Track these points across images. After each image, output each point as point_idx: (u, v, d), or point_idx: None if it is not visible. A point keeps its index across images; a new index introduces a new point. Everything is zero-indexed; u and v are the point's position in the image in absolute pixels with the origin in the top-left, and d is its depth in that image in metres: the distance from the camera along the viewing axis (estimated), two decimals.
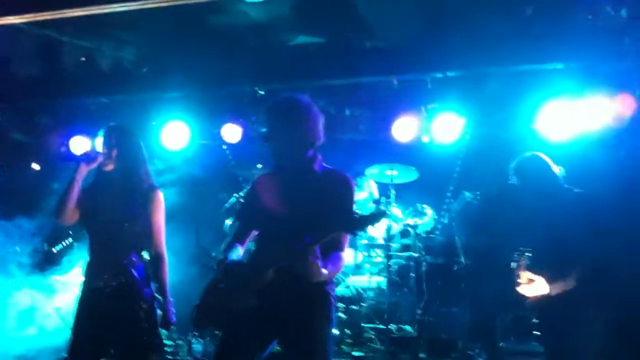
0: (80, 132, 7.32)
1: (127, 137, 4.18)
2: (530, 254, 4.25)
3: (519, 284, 4.23)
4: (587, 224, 4.05)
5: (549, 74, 6.19)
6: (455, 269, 6.32)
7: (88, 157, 4.05)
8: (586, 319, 4.00)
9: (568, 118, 6.04)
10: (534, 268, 4.19)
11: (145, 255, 4.14)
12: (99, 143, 4.13)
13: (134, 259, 4.04)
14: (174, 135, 7.10)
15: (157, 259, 4.14)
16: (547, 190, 4.34)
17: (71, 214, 4.07)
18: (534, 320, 4.41)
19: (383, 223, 6.41)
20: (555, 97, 6.09)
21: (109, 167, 4.08)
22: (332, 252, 3.36)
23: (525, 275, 4.20)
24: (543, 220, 4.35)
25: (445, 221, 6.89)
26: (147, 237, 4.10)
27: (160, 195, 4.16)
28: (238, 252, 3.61)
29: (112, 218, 4.02)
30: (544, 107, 6.14)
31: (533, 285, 4.17)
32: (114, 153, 4.08)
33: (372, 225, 3.35)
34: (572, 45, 5.88)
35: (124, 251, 4.03)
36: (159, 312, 4.13)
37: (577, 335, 4.02)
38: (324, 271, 3.25)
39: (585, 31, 5.78)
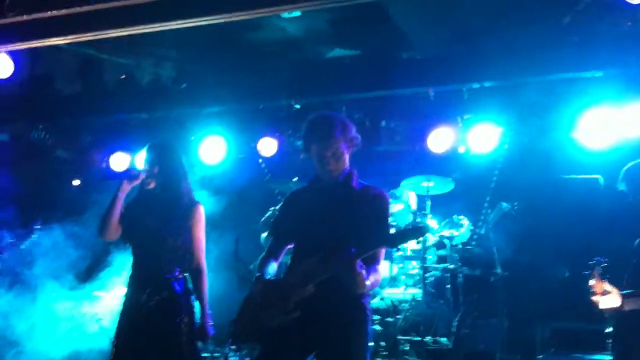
0: (120, 148, 7.47)
1: (168, 153, 4.27)
2: (605, 264, 4.17)
3: (593, 294, 4.14)
4: None
5: (587, 81, 6.11)
6: (492, 280, 6.25)
7: (130, 174, 4.15)
8: None
9: (608, 126, 5.95)
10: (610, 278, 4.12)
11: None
12: (140, 160, 4.22)
13: (176, 273, 4.12)
14: (211, 149, 7.19)
15: (197, 272, 4.22)
16: None
17: (114, 230, 4.18)
18: (607, 330, 4.31)
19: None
20: (594, 105, 6.01)
21: (151, 184, 4.18)
22: (369, 265, 3.38)
23: (600, 286, 4.11)
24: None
25: (482, 232, 6.83)
26: (188, 252, 4.17)
27: (201, 210, 4.24)
28: (273, 267, 3.65)
29: (154, 233, 4.11)
30: (583, 115, 6.07)
31: (607, 297, 4.09)
32: (156, 170, 4.17)
33: (413, 240, 3.38)
34: (611, 53, 5.81)
35: (166, 266, 4.11)
36: (197, 324, 4.20)
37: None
38: (368, 283, 3.28)
39: (624, 38, 5.71)
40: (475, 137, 6.50)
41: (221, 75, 6.98)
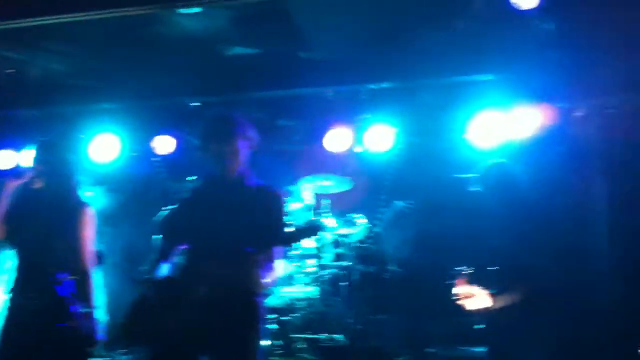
0: (6, 146, 7.10)
1: (56, 151, 4.12)
2: (471, 271, 4.27)
3: (458, 299, 4.23)
4: (539, 240, 4.07)
5: (480, 85, 6.33)
6: (386, 277, 6.37)
7: (15, 173, 3.98)
8: (526, 333, 4.03)
9: (497, 128, 6.19)
10: (479, 279, 4.20)
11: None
12: (27, 158, 4.05)
13: (61, 276, 3.95)
14: (104, 147, 6.95)
15: (82, 275, 4.06)
16: (511, 200, 4.26)
17: None
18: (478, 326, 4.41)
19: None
20: (486, 107, 6.24)
21: (38, 184, 4.01)
22: (266, 264, 3.37)
23: (463, 290, 4.21)
24: (502, 230, 4.30)
25: (378, 230, 6.94)
26: (73, 254, 4.02)
27: (89, 211, 4.09)
28: (165, 268, 3.58)
29: (39, 235, 3.94)
30: (475, 118, 6.28)
31: (474, 300, 4.17)
32: (43, 169, 4.01)
33: (308, 238, 3.40)
34: (502, 58, 6.03)
35: (50, 268, 3.94)
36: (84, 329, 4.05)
37: (516, 347, 4.06)
38: (266, 281, 3.27)
39: (514, 44, 5.93)
40: (372, 137, 6.60)
41: (115, 72, 6.76)
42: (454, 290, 4.24)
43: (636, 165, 5.34)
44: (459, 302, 4.23)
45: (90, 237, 4.10)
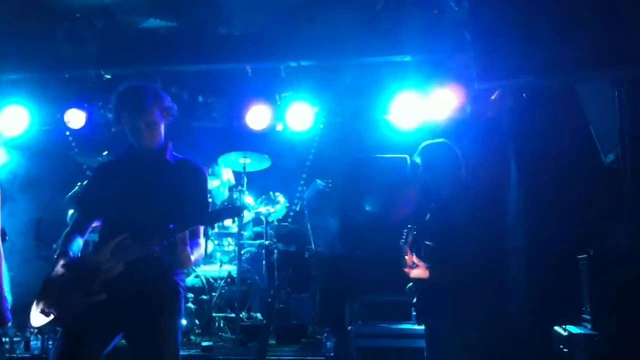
0: None
1: None
2: (415, 232, 4.36)
3: (405, 264, 4.35)
4: (474, 218, 4.18)
5: (399, 65, 6.40)
6: (306, 256, 6.39)
7: None
8: (458, 307, 4.13)
9: (416, 109, 6.29)
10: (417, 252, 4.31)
11: None
12: None
13: None
14: (11, 120, 6.62)
15: None
16: (449, 178, 4.36)
17: None
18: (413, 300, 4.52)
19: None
20: (405, 88, 6.32)
21: None
22: (190, 240, 3.28)
23: (410, 258, 4.33)
24: (437, 208, 4.40)
25: (298, 209, 6.96)
26: None
27: None
28: (79, 243, 3.44)
29: None
30: (395, 98, 6.35)
31: (416, 270, 4.29)
32: None
33: (230, 218, 3.34)
34: (419, 39, 6.11)
35: None
36: None
37: (447, 321, 4.16)
38: (192, 258, 3.20)
39: (430, 25, 6.01)
40: (293, 116, 6.58)
41: (24, 41, 6.42)
42: (405, 258, 4.33)
43: (547, 149, 5.52)
44: (404, 269, 4.31)
45: None
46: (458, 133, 6.12)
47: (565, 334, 3.49)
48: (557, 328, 3.64)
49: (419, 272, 4.30)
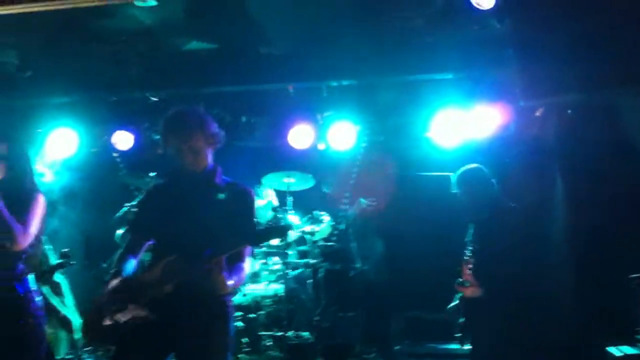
0: None
1: (16, 147, 3.98)
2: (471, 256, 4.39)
3: (462, 283, 4.38)
4: (516, 236, 4.22)
5: (439, 83, 6.39)
6: (351, 274, 6.39)
7: None
8: (503, 326, 4.15)
9: (458, 126, 6.27)
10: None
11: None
12: None
13: (18, 270, 3.79)
14: (61, 142, 6.79)
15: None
16: (487, 201, 4.48)
17: None
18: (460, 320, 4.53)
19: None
20: (446, 105, 6.31)
21: None
22: (234, 263, 3.33)
23: (467, 275, 4.36)
24: (478, 229, 4.46)
25: (342, 227, 6.96)
26: (32, 247, 3.86)
27: (40, 198, 3.90)
28: (131, 264, 3.51)
29: None
30: (436, 116, 6.34)
31: (471, 288, 4.34)
32: (4, 165, 3.87)
33: (276, 238, 3.37)
34: (461, 56, 6.10)
35: (8, 263, 3.77)
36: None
37: (493, 341, 4.18)
38: (230, 283, 3.22)
39: (472, 42, 6.01)
40: (335, 135, 6.61)
41: (71, 64, 6.59)
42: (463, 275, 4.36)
43: (593, 165, 5.46)
44: (457, 287, 4.35)
45: (36, 221, 3.93)
46: (501, 151, 6.10)
47: (619, 354, 3.44)
48: (610, 349, 3.59)
49: (472, 290, 4.30)
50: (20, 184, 3.88)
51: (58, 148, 6.80)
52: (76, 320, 5.23)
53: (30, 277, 3.86)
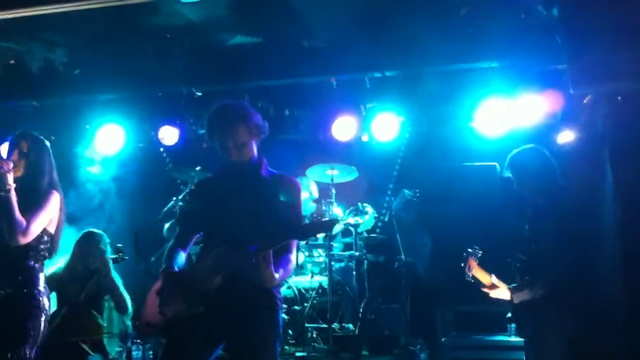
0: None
1: (38, 145, 4.03)
2: (481, 254, 4.29)
3: (482, 286, 4.28)
4: (565, 227, 4.01)
5: (484, 72, 6.32)
6: (395, 266, 6.38)
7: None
8: (549, 324, 4.02)
9: (503, 115, 6.19)
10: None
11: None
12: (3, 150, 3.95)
13: (27, 267, 3.83)
14: (108, 138, 6.93)
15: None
16: (545, 184, 4.17)
17: None
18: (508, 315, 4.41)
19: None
20: (490, 94, 6.23)
21: (17, 173, 3.85)
22: (281, 255, 3.34)
23: (485, 277, 4.25)
24: (534, 218, 4.22)
25: (386, 219, 6.94)
26: (43, 244, 3.90)
27: (54, 197, 3.92)
28: (181, 257, 3.55)
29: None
30: (480, 105, 6.27)
31: (496, 291, 4.22)
32: (24, 162, 3.89)
33: (323, 233, 3.36)
34: (506, 44, 6.01)
35: (17, 259, 3.82)
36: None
37: (542, 337, 4.06)
38: (277, 276, 3.23)
39: (518, 30, 5.91)
40: (378, 126, 6.60)
41: (117, 61, 6.71)
42: (467, 272, 4.26)
43: None
44: (482, 289, 4.24)
45: (43, 218, 3.88)
46: (548, 139, 6.00)
47: None
48: None
49: (499, 292, 4.20)
50: (38, 182, 3.91)
51: (106, 144, 6.94)
52: (129, 306, 5.33)
53: (40, 275, 3.89)
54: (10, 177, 3.71)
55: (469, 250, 4.39)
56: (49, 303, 3.95)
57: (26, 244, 3.79)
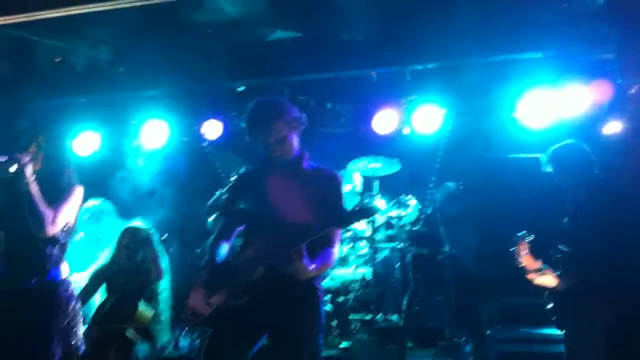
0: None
1: (55, 139, 4.06)
2: (531, 238, 4.27)
3: (527, 272, 4.28)
4: (605, 220, 4.03)
5: (527, 63, 6.23)
6: (439, 258, 6.36)
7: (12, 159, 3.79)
8: (589, 315, 4.01)
9: (547, 106, 6.10)
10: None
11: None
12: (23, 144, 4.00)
13: (52, 258, 3.89)
14: (153, 133, 7.04)
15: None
16: (584, 180, 4.24)
17: None
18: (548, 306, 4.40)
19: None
20: (534, 85, 6.15)
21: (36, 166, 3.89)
22: (323, 248, 3.37)
23: (532, 264, 4.26)
24: (574, 211, 4.25)
25: (429, 211, 6.92)
26: (68, 236, 3.96)
27: (78, 190, 3.99)
28: (224, 249, 3.61)
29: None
30: (524, 96, 6.19)
31: (542, 277, 4.22)
32: (42, 155, 3.94)
33: (362, 220, 3.39)
34: (549, 34, 5.92)
35: (41, 251, 3.87)
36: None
37: (582, 328, 4.06)
38: (312, 268, 3.26)
39: (562, 19, 5.82)
40: (420, 119, 6.56)
41: (160, 57, 6.80)
42: (518, 257, 4.25)
43: None
44: (527, 276, 4.22)
45: (69, 211, 3.93)
46: (593, 131, 5.90)
47: None
48: None
49: (545, 279, 4.17)
50: (58, 175, 3.96)
51: (151, 138, 7.05)
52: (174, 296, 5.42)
53: (64, 265, 3.94)
54: (29, 170, 3.75)
55: (519, 234, 4.38)
56: (75, 293, 3.99)
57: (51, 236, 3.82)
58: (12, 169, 3.70)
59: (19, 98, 7.22)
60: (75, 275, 5.95)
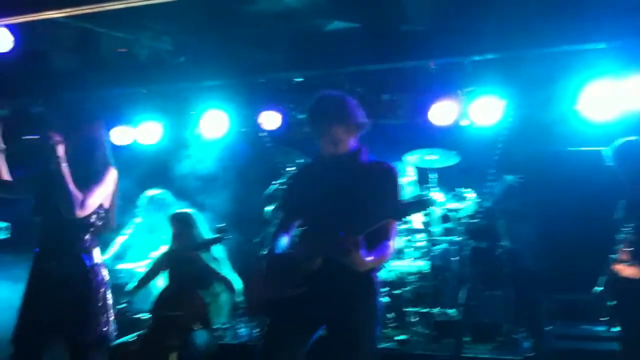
0: (120, 122, 7.43)
1: (90, 120, 4.06)
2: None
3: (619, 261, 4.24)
4: None
5: (590, 53, 6.07)
6: (498, 252, 6.28)
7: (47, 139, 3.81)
8: None
9: (611, 98, 5.95)
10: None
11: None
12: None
13: (85, 242, 3.90)
14: (213, 123, 7.15)
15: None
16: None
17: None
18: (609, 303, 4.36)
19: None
20: (597, 77, 6.00)
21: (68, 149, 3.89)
22: (380, 241, 3.38)
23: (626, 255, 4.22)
24: (631, 207, 4.28)
25: (488, 205, 6.83)
26: (101, 219, 3.95)
27: (112, 172, 3.98)
28: (284, 240, 3.66)
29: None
30: (587, 88, 6.05)
31: (631, 269, 4.19)
32: (76, 136, 3.93)
33: (418, 212, 3.39)
34: (613, 24, 5.76)
35: (74, 234, 3.88)
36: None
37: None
38: (369, 259, 3.27)
39: (626, 9, 5.66)
40: (478, 110, 6.48)
41: (219, 48, 6.89)
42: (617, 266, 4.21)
43: None
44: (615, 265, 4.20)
45: (101, 193, 3.92)
46: None
47: None
48: None
49: (632, 271, 4.11)
50: (91, 156, 3.94)
51: (211, 128, 7.16)
52: (237, 284, 5.46)
53: (97, 250, 3.95)
54: (60, 149, 3.75)
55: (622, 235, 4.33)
56: (108, 276, 3.99)
57: (82, 218, 3.82)
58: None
59: (84, 88, 7.44)
60: (129, 263, 6.13)
